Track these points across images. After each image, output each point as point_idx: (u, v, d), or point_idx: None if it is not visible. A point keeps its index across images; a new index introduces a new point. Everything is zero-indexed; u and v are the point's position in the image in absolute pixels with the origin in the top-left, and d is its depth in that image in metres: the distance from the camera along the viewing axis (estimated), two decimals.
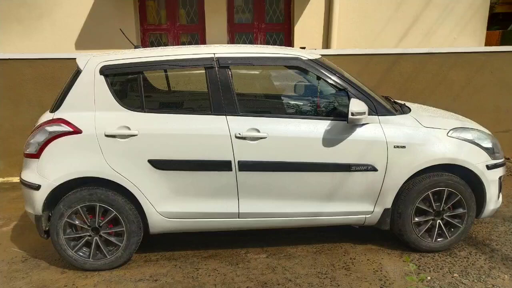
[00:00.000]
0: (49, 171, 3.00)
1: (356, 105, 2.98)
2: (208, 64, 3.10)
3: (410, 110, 3.49)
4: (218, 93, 3.08)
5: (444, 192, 3.21)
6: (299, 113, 3.57)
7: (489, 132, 3.47)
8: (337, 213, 3.23)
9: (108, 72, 3.08)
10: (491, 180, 3.24)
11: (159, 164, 3.03)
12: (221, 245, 3.54)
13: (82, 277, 3.11)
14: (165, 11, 7.11)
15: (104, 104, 3.05)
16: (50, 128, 3.01)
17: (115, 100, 3.06)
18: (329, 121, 3.11)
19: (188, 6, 7.02)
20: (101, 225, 3.10)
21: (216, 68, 3.10)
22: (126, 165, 3.01)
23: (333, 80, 3.17)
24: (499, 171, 3.29)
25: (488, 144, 3.30)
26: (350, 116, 2.96)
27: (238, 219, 3.18)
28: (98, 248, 3.14)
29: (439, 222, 3.29)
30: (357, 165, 3.10)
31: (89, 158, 2.99)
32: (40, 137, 3.01)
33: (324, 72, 3.18)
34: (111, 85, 3.09)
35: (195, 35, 7.24)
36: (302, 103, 3.71)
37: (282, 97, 4.12)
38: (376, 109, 3.15)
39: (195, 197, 3.11)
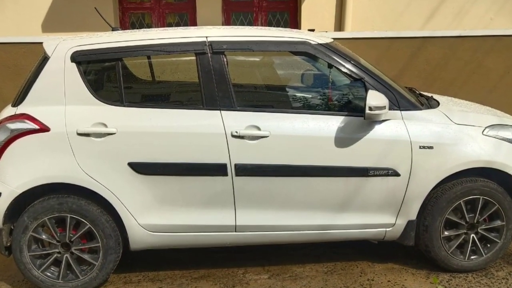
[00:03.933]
0: (11, 176, 3.00)
1: (375, 98, 2.98)
2: (199, 50, 3.10)
3: (438, 104, 3.49)
4: (211, 84, 3.08)
5: (478, 201, 3.21)
6: (307, 107, 3.58)
7: None
8: (352, 226, 3.23)
9: (80, 58, 3.08)
10: None
11: (141, 168, 3.03)
12: (214, 264, 3.54)
13: None
14: None
15: (76, 97, 3.05)
16: (12, 125, 3.01)
17: (89, 92, 3.06)
18: (342, 117, 3.11)
19: None
20: (72, 240, 3.09)
21: (209, 54, 3.10)
22: (102, 169, 3.01)
23: (348, 69, 3.17)
24: None
25: None
26: (367, 111, 2.96)
27: (234, 232, 3.18)
28: (69, 267, 3.14)
29: (473, 236, 3.29)
30: (375, 169, 3.11)
31: (59, 160, 3.00)
32: (0, 136, 3.01)
33: (337, 59, 3.18)
34: (84, 74, 3.09)
35: (183, 15, 7.24)
36: (310, 96, 3.71)
37: (287, 89, 4.12)
38: (398, 103, 3.15)
39: (184, 207, 3.11)
